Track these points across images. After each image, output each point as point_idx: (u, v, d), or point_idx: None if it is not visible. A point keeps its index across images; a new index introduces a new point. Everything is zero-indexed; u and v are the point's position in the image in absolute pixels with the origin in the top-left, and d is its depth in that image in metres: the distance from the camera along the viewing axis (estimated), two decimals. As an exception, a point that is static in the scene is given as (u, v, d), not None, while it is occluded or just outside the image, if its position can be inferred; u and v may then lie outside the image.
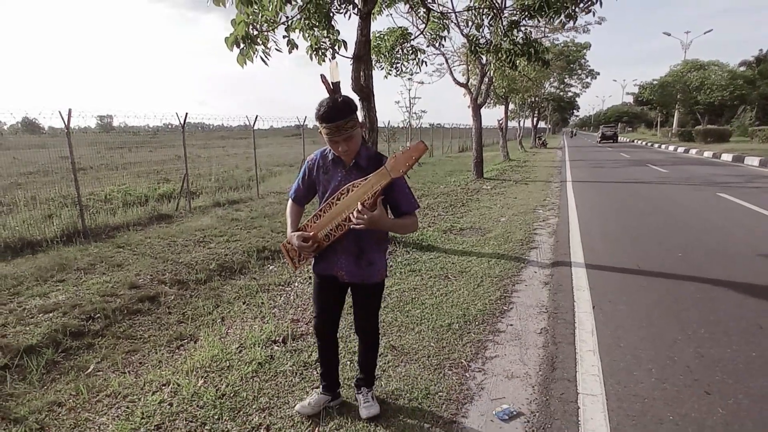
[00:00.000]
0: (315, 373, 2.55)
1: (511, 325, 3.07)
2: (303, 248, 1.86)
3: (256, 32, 3.06)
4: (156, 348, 3.67)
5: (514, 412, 2.12)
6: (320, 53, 4.09)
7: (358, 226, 1.66)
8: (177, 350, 3.63)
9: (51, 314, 4.20)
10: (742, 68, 36.87)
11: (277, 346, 2.98)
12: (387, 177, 1.68)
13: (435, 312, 3.28)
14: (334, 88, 1.76)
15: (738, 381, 2.29)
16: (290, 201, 2.04)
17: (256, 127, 11.06)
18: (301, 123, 12.05)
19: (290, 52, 3.46)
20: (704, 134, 25.22)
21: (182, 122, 8.50)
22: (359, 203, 1.67)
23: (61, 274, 5.23)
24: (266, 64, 3.13)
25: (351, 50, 4.20)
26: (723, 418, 1.99)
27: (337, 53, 4.25)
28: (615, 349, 2.66)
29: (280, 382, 2.50)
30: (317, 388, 2.24)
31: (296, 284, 4.36)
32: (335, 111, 1.65)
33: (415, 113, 17.61)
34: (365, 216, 1.63)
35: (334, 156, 1.85)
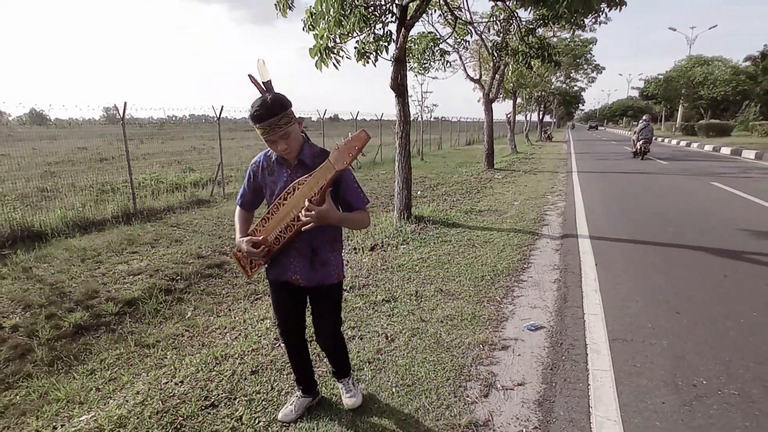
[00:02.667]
0: (379, 309, 3.42)
1: (531, 277, 3.95)
2: (252, 254, 1.79)
3: (332, 44, 3.91)
4: (236, 301, 4.57)
5: (539, 326, 2.99)
6: (365, 56, 4.92)
7: (307, 225, 1.63)
8: (255, 302, 4.51)
9: (139, 276, 5.09)
10: (747, 63, 37.52)
11: (346, 292, 3.83)
12: (331, 170, 1.65)
13: (469, 269, 4.15)
14: (265, 87, 1.67)
15: (701, 307, 3.17)
16: (238, 207, 1.97)
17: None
18: (321, 116, 12.85)
19: (358, 60, 4.30)
20: (706, 128, 26.05)
21: (218, 115, 9.31)
22: (306, 200, 1.63)
23: (132, 247, 6.11)
24: (337, 68, 3.99)
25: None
26: (686, 326, 2.88)
27: (379, 56, 5.08)
28: (612, 289, 3.54)
29: (359, 313, 3.37)
30: (297, 392, 2.20)
31: (345, 252, 5.21)
32: (266, 109, 1.62)
33: (426, 107, 18.37)
34: (313, 212, 1.60)
35: (278, 156, 1.80)
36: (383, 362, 2.61)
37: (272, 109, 1.62)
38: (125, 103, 7.61)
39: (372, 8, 3.99)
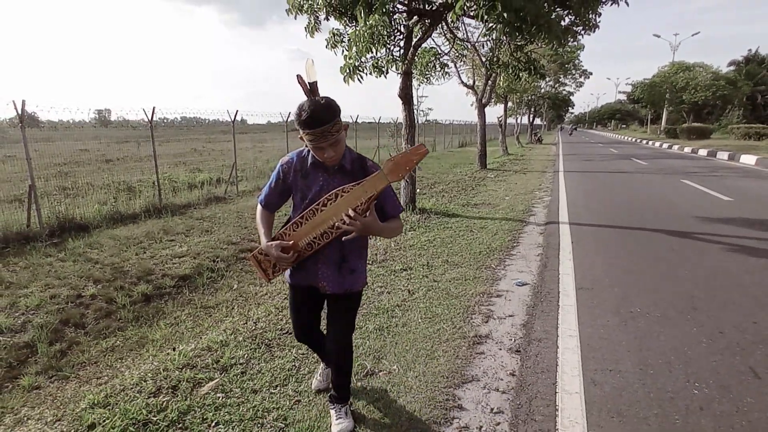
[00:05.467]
0: (399, 275, 4.36)
1: (519, 252, 4.93)
2: (282, 259, 1.76)
3: (358, 63, 4.86)
4: (272, 276, 5.46)
5: (525, 282, 3.97)
6: (380, 71, 5.87)
7: (349, 235, 1.62)
8: (289, 277, 5.40)
9: (183, 258, 5.95)
10: (731, 68, 39.41)
11: (370, 265, 4.75)
12: (384, 182, 1.64)
13: (469, 247, 5.12)
14: (311, 89, 1.64)
15: (648, 269, 4.20)
16: (260, 207, 1.93)
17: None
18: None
19: (373, 74, 5.25)
20: (687, 131, 27.60)
21: (233, 119, 10.17)
22: (350, 209, 1.60)
23: (168, 237, 6.96)
24: (361, 83, 4.95)
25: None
26: (634, 281, 3.89)
27: (390, 70, 6.04)
28: (583, 258, 4.54)
29: (384, 278, 4.30)
30: (322, 364, 2.35)
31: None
32: (319, 115, 1.55)
33: (422, 111, 19.39)
34: (358, 222, 1.58)
35: (314, 159, 1.76)
36: (409, 306, 3.55)
37: (325, 116, 1.56)
38: (153, 108, 8.46)
39: (393, 37, 4.98)
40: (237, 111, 10.07)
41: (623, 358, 2.61)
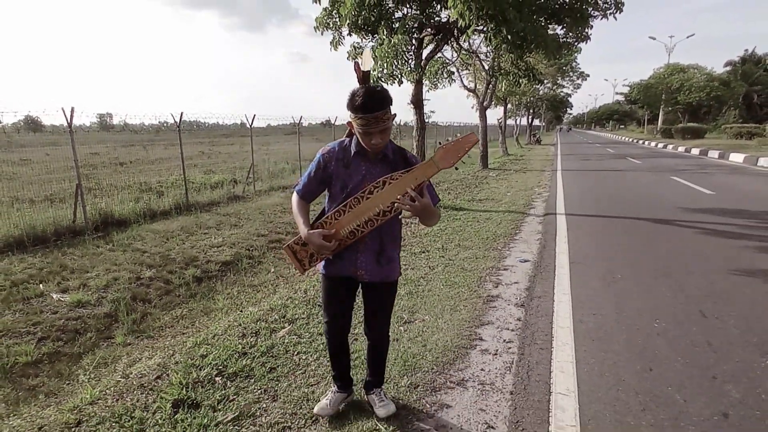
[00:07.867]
0: (418, 256, 5.14)
1: (521, 237, 5.73)
2: (324, 248, 1.79)
3: (381, 75, 5.66)
4: (303, 262, 6.23)
5: (526, 260, 4.76)
6: (396, 78, 6.68)
7: (407, 212, 1.68)
8: (319, 262, 6.17)
9: (221, 248, 6.72)
10: (727, 68, 40.45)
11: (392, 249, 5.53)
12: (434, 168, 1.70)
13: (477, 234, 5.91)
14: (364, 76, 1.71)
15: (632, 249, 5.00)
16: (296, 196, 1.95)
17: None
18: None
19: (391, 84, 6.07)
20: (682, 131, 28.56)
21: (250, 123, 10.94)
22: (409, 188, 1.67)
23: (201, 230, 7.72)
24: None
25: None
26: (619, 257, 4.69)
27: (405, 79, 6.85)
28: (577, 241, 5.34)
29: (405, 259, 5.06)
30: (333, 387, 2.27)
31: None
32: (374, 101, 1.62)
33: (424, 113, 20.25)
34: (418, 204, 1.65)
35: (357, 148, 1.81)
36: (431, 277, 4.33)
37: (380, 102, 1.64)
38: (182, 113, 9.22)
39: (410, 52, 5.81)
40: (254, 115, 10.83)
41: (604, 307, 3.40)
